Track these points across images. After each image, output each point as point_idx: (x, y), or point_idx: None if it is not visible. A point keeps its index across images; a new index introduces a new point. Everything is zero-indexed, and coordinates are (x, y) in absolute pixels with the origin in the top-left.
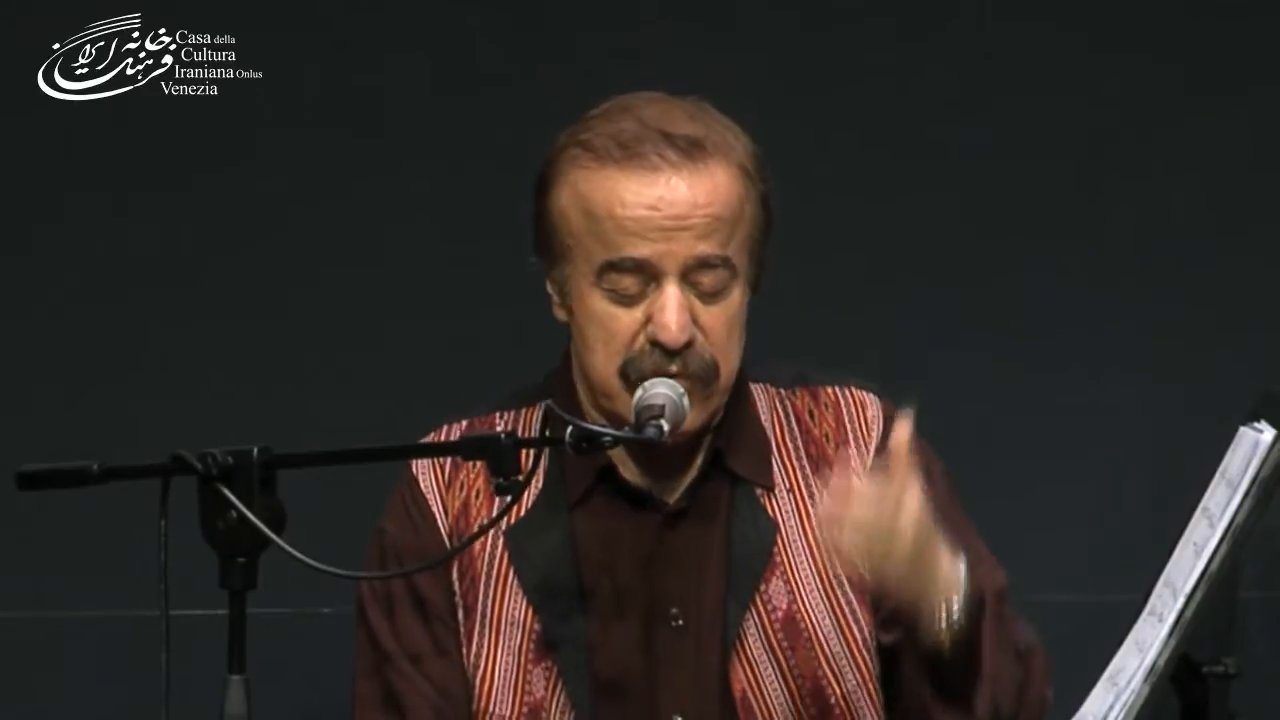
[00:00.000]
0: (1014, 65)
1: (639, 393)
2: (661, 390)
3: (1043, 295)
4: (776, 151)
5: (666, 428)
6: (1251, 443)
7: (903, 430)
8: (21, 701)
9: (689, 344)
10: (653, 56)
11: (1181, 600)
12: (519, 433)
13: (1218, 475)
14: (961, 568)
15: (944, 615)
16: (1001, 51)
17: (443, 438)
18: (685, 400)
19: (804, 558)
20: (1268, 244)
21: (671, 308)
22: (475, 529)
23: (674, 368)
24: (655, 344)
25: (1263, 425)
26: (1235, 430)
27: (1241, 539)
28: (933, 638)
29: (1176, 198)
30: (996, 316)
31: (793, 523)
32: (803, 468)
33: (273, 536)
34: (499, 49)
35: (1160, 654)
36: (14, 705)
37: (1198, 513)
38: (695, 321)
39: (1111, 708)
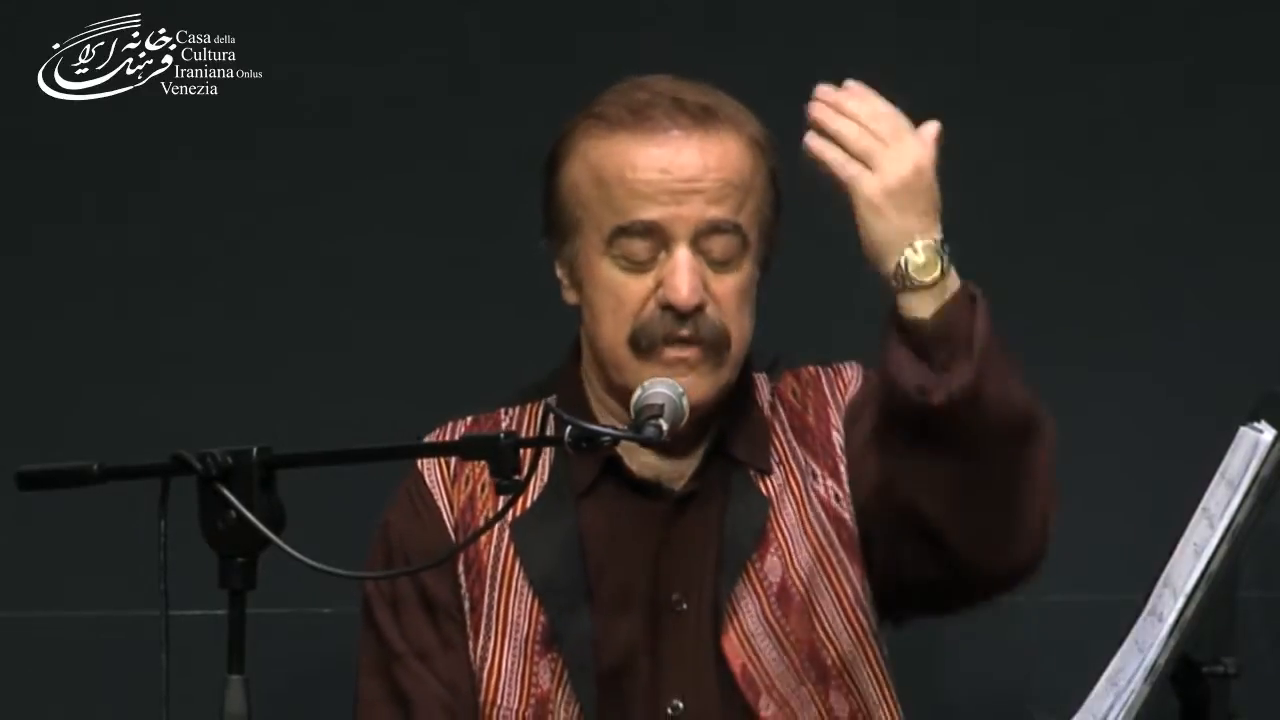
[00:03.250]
0: (1014, 65)
1: (638, 392)
2: (661, 390)
3: (1042, 295)
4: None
5: (665, 427)
6: (1251, 443)
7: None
8: (22, 701)
9: (700, 308)
10: (653, 56)
11: (1181, 600)
12: (522, 429)
13: (1218, 475)
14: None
15: (911, 259)
16: (1002, 51)
17: (447, 435)
18: (684, 400)
19: (796, 530)
20: (1268, 244)
21: (683, 270)
22: (480, 523)
23: (685, 331)
24: (666, 308)
25: (1263, 425)
26: (1235, 430)
27: (1241, 539)
28: (901, 291)
29: (1176, 198)
30: (996, 316)
31: (785, 498)
32: (790, 443)
33: (272, 537)
34: (499, 49)
35: (1160, 654)
36: (14, 705)
37: (1198, 513)
38: (706, 288)
39: (1111, 708)
